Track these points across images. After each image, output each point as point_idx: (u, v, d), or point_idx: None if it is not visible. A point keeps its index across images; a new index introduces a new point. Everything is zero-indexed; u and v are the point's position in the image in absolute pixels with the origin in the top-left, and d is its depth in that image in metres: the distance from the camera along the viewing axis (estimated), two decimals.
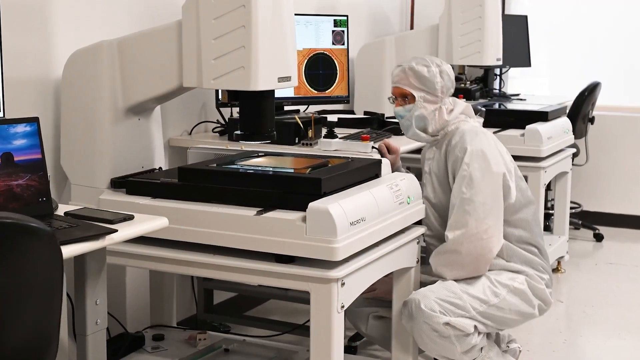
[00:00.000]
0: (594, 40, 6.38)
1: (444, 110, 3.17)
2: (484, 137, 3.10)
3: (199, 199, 2.69)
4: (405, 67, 3.19)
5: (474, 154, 3.02)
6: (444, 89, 3.17)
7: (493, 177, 3.00)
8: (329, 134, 3.52)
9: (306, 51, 4.05)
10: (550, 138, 4.52)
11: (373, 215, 2.65)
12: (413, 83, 3.16)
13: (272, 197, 2.61)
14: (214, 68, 2.67)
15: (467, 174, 3.00)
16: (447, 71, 3.20)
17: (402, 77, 3.18)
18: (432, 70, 3.16)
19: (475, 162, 3.01)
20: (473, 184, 2.98)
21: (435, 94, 3.16)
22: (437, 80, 3.15)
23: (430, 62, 3.19)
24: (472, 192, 2.98)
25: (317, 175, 2.64)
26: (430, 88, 3.15)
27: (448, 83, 3.19)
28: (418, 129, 3.19)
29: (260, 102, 2.76)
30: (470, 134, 3.09)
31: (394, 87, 3.23)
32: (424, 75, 3.15)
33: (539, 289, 3.10)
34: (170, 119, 3.75)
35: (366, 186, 2.77)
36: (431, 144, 3.23)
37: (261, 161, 2.96)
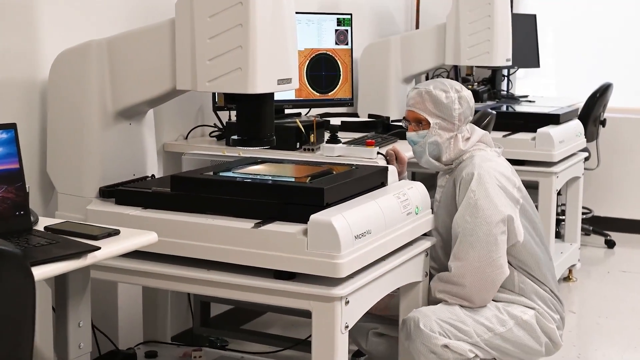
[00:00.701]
0: (604, 39, 6.20)
1: (459, 139, 2.99)
2: (496, 164, 2.92)
3: (192, 210, 2.52)
4: (422, 90, 2.99)
5: (482, 181, 2.84)
6: (462, 117, 2.98)
7: (499, 210, 2.82)
8: (331, 138, 3.34)
9: (308, 51, 3.86)
10: (562, 142, 4.35)
11: (379, 228, 2.48)
12: (429, 108, 2.97)
13: (271, 208, 2.44)
14: (209, 69, 2.50)
15: (473, 202, 2.83)
16: (467, 97, 3.01)
17: (418, 100, 2.99)
18: (451, 96, 2.97)
19: (482, 191, 2.83)
20: (478, 213, 2.81)
21: (451, 121, 2.98)
22: (455, 107, 2.96)
23: (450, 87, 2.99)
24: (476, 222, 2.80)
25: (319, 184, 2.46)
26: (447, 115, 2.96)
27: (467, 111, 3.00)
28: (431, 157, 3.01)
29: (259, 105, 2.59)
30: (481, 158, 2.92)
31: (409, 111, 3.04)
32: (441, 101, 2.96)
33: (549, 327, 2.91)
34: (165, 123, 3.57)
35: (372, 196, 2.60)
36: (445, 172, 3.06)
37: (259, 169, 2.78)
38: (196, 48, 2.50)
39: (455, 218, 2.86)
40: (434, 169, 3.08)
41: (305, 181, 2.56)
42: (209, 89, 2.54)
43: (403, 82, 4.70)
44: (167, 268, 2.49)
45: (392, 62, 4.64)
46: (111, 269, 2.52)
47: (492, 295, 2.82)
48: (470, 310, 2.78)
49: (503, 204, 2.82)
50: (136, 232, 2.04)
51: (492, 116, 3.89)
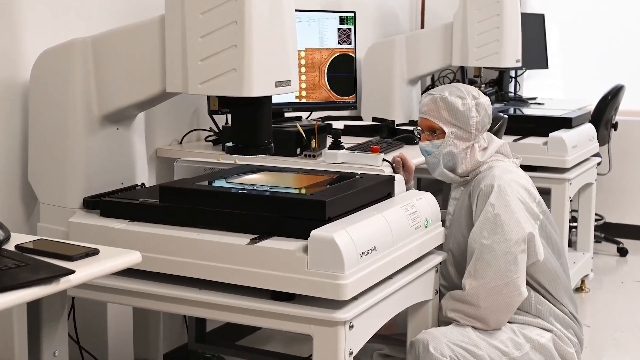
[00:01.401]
0: (613, 39, 6.00)
1: (476, 149, 2.79)
2: (516, 176, 2.72)
3: (183, 223, 2.32)
4: (437, 96, 2.79)
5: (503, 194, 2.64)
6: (479, 126, 2.78)
7: (520, 227, 2.62)
8: (334, 144, 3.14)
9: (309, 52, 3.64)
10: (575, 147, 4.16)
11: (386, 244, 2.27)
12: (444, 116, 2.77)
13: (268, 222, 2.24)
14: (201, 70, 2.30)
15: (492, 217, 2.62)
16: (485, 105, 2.81)
17: (432, 108, 2.79)
18: (468, 103, 2.77)
19: (502, 205, 2.63)
20: (497, 229, 2.61)
21: (468, 131, 2.78)
22: (472, 115, 2.77)
23: (466, 93, 2.79)
24: (494, 238, 2.60)
25: (321, 197, 2.26)
26: (463, 124, 2.76)
27: (485, 119, 2.80)
28: (446, 169, 2.81)
29: (256, 110, 2.38)
30: (501, 169, 2.71)
31: (422, 118, 2.84)
32: (457, 109, 2.76)
33: (568, 352, 2.71)
34: (158, 126, 3.38)
35: (377, 208, 2.39)
36: (460, 184, 2.86)
37: (256, 178, 2.58)
38: (187, 47, 2.31)
39: (471, 233, 2.66)
40: (448, 180, 2.88)
41: (305, 193, 2.36)
42: (201, 92, 2.34)
43: (408, 83, 4.52)
44: (156, 287, 2.29)
45: (397, 63, 4.46)
46: (96, 287, 2.32)
47: (507, 318, 2.62)
48: (483, 332, 2.58)
49: (524, 219, 2.62)
50: (117, 251, 1.84)
51: (504, 120, 3.68)
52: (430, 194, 2.64)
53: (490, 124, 2.84)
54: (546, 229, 2.75)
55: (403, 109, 4.45)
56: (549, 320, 2.70)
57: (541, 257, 2.65)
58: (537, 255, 2.64)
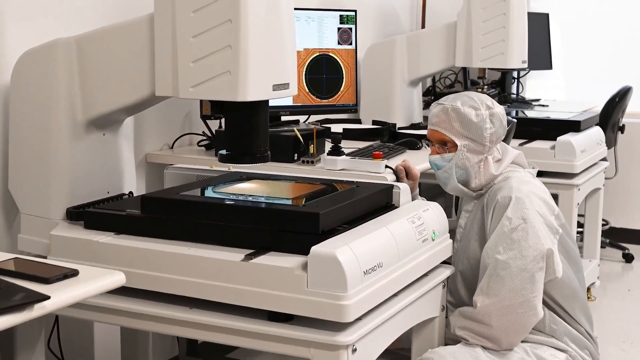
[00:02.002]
0: (617, 39, 5.85)
1: (490, 162, 2.63)
2: (534, 187, 2.56)
3: (172, 237, 2.16)
4: (448, 107, 2.62)
5: (520, 207, 2.48)
6: (494, 137, 2.62)
7: (539, 242, 2.46)
8: (333, 149, 2.98)
9: (307, 52, 3.48)
10: (584, 151, 4.01)
11: (392, 259, 2.11)
12: (456, 128, 2.61)
13: (263, 236, 2.08)
14: (192, 73, 2.14)
15: (508, 231, 2.46)
16: (500, 115, 2.64)
17: (443, 119, 2.63)
18: (482, 114, 2.60)
19: (519, 218, 2.47)
20: (513, 244, 2.45)
21: (482, 143, 2.61)
22: (487, 127, 2.60)
23: (480, 102, 2.62)
24: (510, 254, 2.44)
25: (314, 208, 2.10)
26: (476, 136, 2.60)
27: (499, 130, 2.64)
28: (459, 183, 2.65)
29: (251, 115, 2.22)
30: (518, 180, 2.56)
31: (432, 130, 2.67)
32: (470, 120, 2.59)
33: None
34: (148, 130, 3.22)
35: (382, 221, 2.23)
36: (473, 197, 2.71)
37: (249, 188, 2.42)
38: (178, 48, 2.15)
39: (485, 248, 2.50)
40: (461, 195, 2.72)
41: (297, 204, 2.20)
42: (192, 96, 2.17)
43: (409, 85, 4.35)
44: (144, 306, 2.12)
45: (398, 64, 4.28)
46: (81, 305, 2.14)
47: (521, 339, 2.46)
48: (493, 352, 2.43)
49: (543, 234, 2.46)
50: (99, 272, 1.67)
51: (513, 124, 3.53)
52: (437, 204, 2.48)
53: (505, 135, 2.68)
54: (565, 243, 2.60)
55: (404, 111, 4.29)
56: (564, 340, 2.54)
57: (559, 274, 2.49)
58: (556, 273, 2.48)
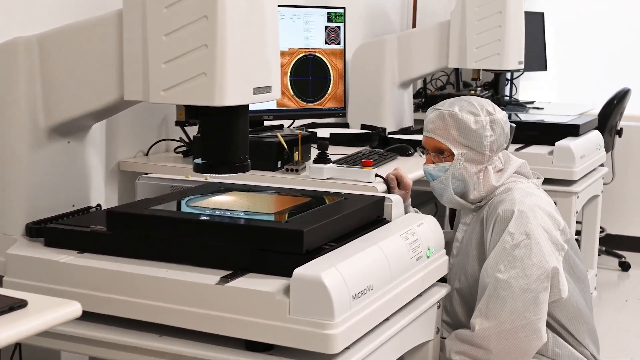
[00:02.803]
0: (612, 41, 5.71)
1: (490, 172, 2.44)
2: (539, 200, 2.37)
3: (140, 256, 1.96)
4: (445, 112, 2.43)
5: (524, 222, 2.29)
6: (494, 146, 2.44)
7: (543, 260, 2.27)
8: (320, 157, 2.78)
9: (292, 52, 3.28)
10: (583, 157, 3.82)
11: (384, 281, 1.92)
12: (453, 135, 2.42)
13: (241, 256, 1.88)
14: (164, 75, 1.93)
15: (510, 247, 2.27)
16: (501, 121, 2.45)
17: (440, 125, 2.44)
18: (481, 121, 2.42)
19: (523, 234, 2.28)
20: (515, 262, 2.26)
21: (481, 152, 2.43)
22: (487, 134, 2.42)
23: (479, 108, 2.44)
24: (512, 273, 2.25)
25: (298, 225, 1.90)
26: (475, 144, 2.42)
27: (501, 138, 2.45)
28: (456, 194, 2.46)
29: (229, 121, 2.02)
30: (522, 192, 2.36)
31: (427, 137, 2.49)
32: (469, 127, 2.41)
33: None
34: (121, 136, 3.02)
35: (372, 238, 2.03)
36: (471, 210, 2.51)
37: (226, 201, 2.21)
38: (149, 47, 1.94)
39: (485, 265, 2.31)
40: (458, 208, 2.53)
41: (281, 219, 2.00)
42: (164, 100, 1.97)
43: (400, 87, 4.18)
44: (112, 333, 1.91)
45: (388, 65, 4.11)
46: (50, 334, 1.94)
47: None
48: None
49: (548, 252, 2.27)
50: (51, 302, 1.46)
51: (511, 129, 3.31)
52: (432, 218, 2.28)
53: (507, 143, 2.49)
54: (570, 259, 2.41)
55: (394, 115, 4.11)
56: None
57: (565, 294, 2.30)
58: (561, 293, 2.29)
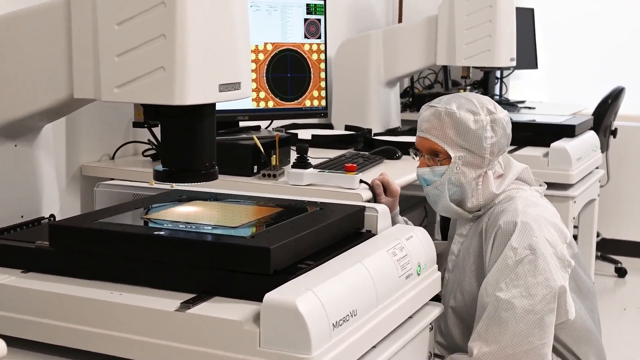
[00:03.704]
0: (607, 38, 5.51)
1: (490, 178, 2.21)
2: (544, 210, 2.14)
3: (89, 277, 1.72)
4: (441, 110, 2.20)
5: (528, 235, 2.06)
6: (495, 149, 2.21)
7: (550, 278, 2.04)
8: (299, 161, 2.55)
9: (270, 47, 3.04)
10: (579, 159, 3.59)
11: (369, 304, 1.68)
12: (450, 136, 2.19)
13: (205, 277, 1.64)
14: (118, 70, 1.70)
15: (512, 264, 2.04)
16: (503, 121, 2.22)
17: (435, 125, 2.21)
18: (481, 120, 2.19)
19: (527, 249, 2.05)
20: (518, 280, 2.03)
21: (481, 155, 2.20)
22: (487, 135, 2.19)
23: (479, 106, 2.21)
24: (514, 292, 2.02)
25: (264, 241, 1.65)
26: (474, 146, 2.19)
27: (502, 140, 2.22)
28: (452, 202, 2.23)
29: (193, 123, 1.78)
30: (525, 202, 2.14)
31: (421, 138, 2.25)
32: (467, 127, 2.18)
33: None
34: (84, 137, 2.78)
35: (355, 254, 1.79)
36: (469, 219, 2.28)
37: (190, 213, 1.96)
38: (100, 38, 1.71)
39: (484, 283, 2.07)
40: (454, 217, 2.30)
41: (245, 235, 1.75)
42: (118, 99, 1.73)
43: (386, 85, 3.95)
44: None
45: (373, 62, 3.89)
46: None
47: None
48: None
49: (555, 269, 2.04)
50: None
51: None
52: (423, 230, 2.04)
53: (508, 146, 2.27)
54: (577, 276, 2.18)
55: (380, 115, 3.89)
56: None
57: (572, 315, 2.07)
58: (568, 314, 2.06)
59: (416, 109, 4.69)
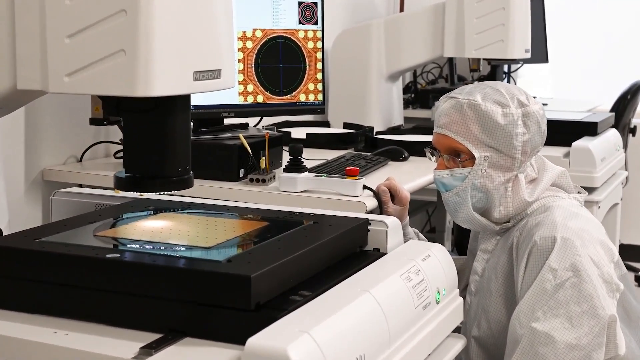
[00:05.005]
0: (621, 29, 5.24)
1: (521, 182, 1.89)
2: (586, 223, 1.82)
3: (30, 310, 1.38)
4: (464, 101, 1.88)
5: (570, 254, 1.74)
6: (528, 148, 1.89)
7: (599, 306, 1.72)
8: (292, 164, 2.22)
9: (259, 34, 2.69)
10: (603, 159, 3.29)
11: (380, 345, 1.34)
12: (474, 133, 1.87)
13: (172, 312, 1.30)
14: (68, 54, 1.36)
15: (551, 289, 1.72)
16: (537, 115, 1.91)
17: (456, 119, 1.89)
18: (512, 113, 1.87)
19: (569, 271, 1.72)
20: (559, 309, 1.70)
21: (511, 155, 1.87)
22: (519, 132, 1.86)
23: (509, 96, 1.89)
24: (554, 323, 1.70)
25: (244, 267, 1.31)
26: (503, 145, 1.87)
27: (536, 137, 1.90)
28: (476, 211, 1.90)
29: (162, 119, 1.45)
30: (564, 212, 1.81)
31: (439, 135, 1.93)
32: (495, 122, 1.85)
33: None
34: (47, 137, 2.46)
35: (360, 281, 1.45)
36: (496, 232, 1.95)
37: (154, 228, 1.61)
38: (47, 15, 1.38)
39: (516, 312, 1.75)
40: (478, 228, 1.97)
41: (220, 260, 1.39)
42: (69, 89, 1.40)
43: (388, 80, 3.67)
44: None
45: (374, 55, 3.61)
46: None
47: None
48: None
49: (602, 294, 1.71)
50: None
51: None
52: (440, 246, 1.71)
53: (543, 145, 1.94)
54: (626, 302, 1.86)
55: (381, 112, 3.62)
56: None
57: (622, 350, 1.74)
58: (617, 349, 1.73)
59: (419, 106, 4.41)
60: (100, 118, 1.99)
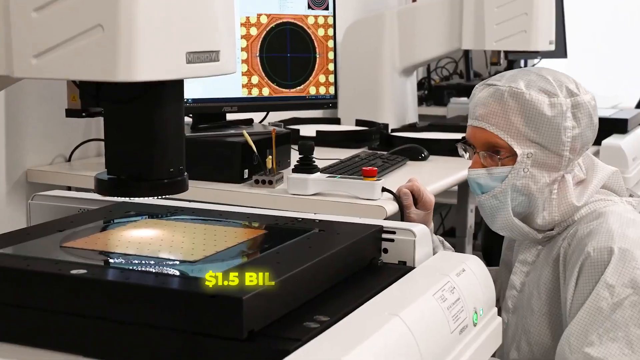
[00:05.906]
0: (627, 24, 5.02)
1: (569, 184, 1.68)
2: None
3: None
4: (504, 89, 1.66)
5: (629, 267, 1.52)
6: (577, 144, 1.68)
7: None
8: (302, 163, 2.00)
9: (264, 19, 2.45)
10: (635, 159, 3.07)
11: None
12: (517, 125, 1.66)
13: (151, 342, 1.07)
14: (36, 31, 1.14)
15: (608, 308, 1.50)
16: (588, 106, 1.69)
17: (495, 109, 1.68)
18: (560, 104, 1.65)
19: (627, 286, 1.50)
20: (617, 331, 1.49)
21: (558, 152, 1.66)
22: (568, 125, 1.65)
23: (557, 85, 1.67)
24: (612, 347, 1.48)
25: (233, 287, 1.06)
26: (550, 140, 1.66)
27: (587, 132, 1.68)
28: (516, 217, 1.68)
29: (149, 110, 1.23)
30: (619, 218, 1.60)
31: (475, 128, 1.72)
32: (541, 113, 1.63)
33: None
34: (31, 135, 2.25)
35: (386, 302, 1.22)
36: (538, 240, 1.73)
37: (138, 237, 1.38)
38: None
39: (566, 334, 1.53)
40: (519, 237, 1.74)
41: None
42: (36, 74, 1.18)
43: (402, 74, 3.47)
44: None
45: (387, 47, 3.42)
46: None
47: None
48: None
49: None
50: None
51: None
52: (476, 258, 1.48)
53: (594, 139, 1.72)
54: None
55: (395, 108, 3.43)
56: None
57: None
58: None
59: (433, 103, 4.20)
60: (78, 109, 1.77)
